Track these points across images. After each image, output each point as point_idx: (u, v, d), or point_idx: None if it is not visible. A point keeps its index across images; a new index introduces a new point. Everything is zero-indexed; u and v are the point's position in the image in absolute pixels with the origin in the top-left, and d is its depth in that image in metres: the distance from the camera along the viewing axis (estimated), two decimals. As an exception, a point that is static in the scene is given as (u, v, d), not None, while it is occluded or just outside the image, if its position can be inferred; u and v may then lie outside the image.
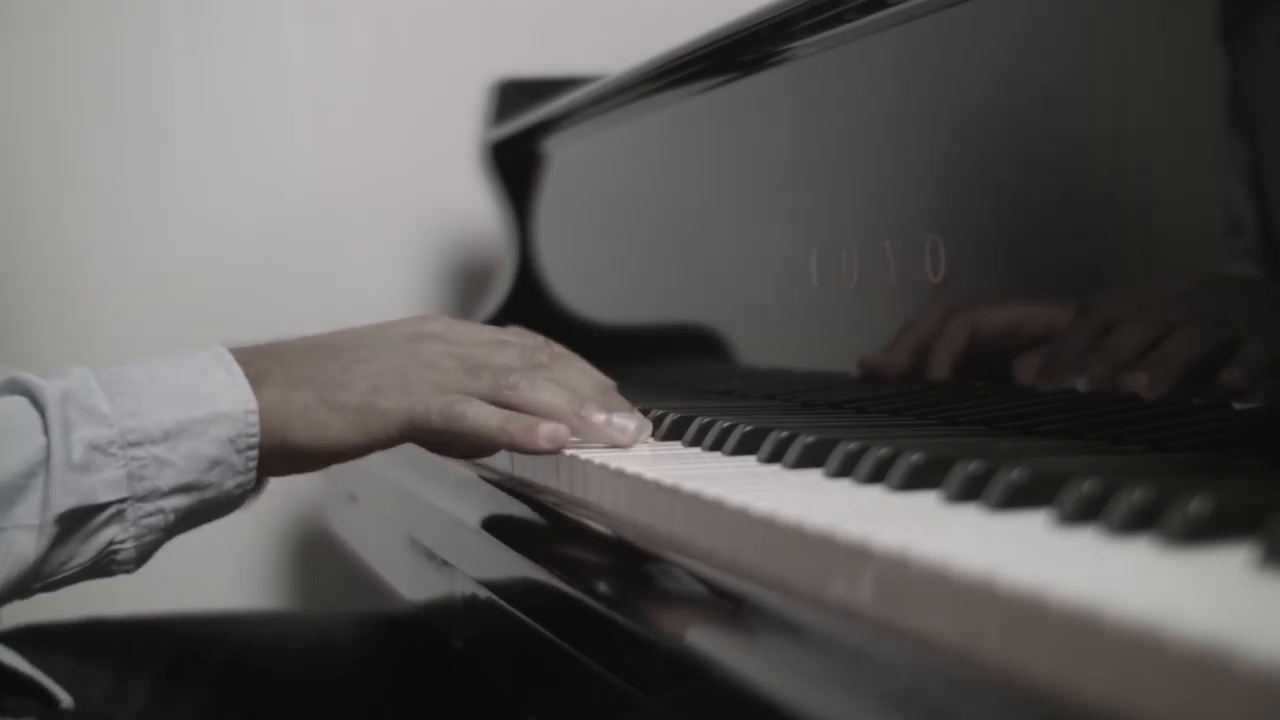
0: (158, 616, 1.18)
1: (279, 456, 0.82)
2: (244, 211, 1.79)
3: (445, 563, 0.96)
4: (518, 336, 0.87)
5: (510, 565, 0.80)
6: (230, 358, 0.82)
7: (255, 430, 0.80)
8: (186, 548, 1.73)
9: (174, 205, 1.77)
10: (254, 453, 0.80)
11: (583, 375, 0.86)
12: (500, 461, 0.96)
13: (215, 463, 0.79)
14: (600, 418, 0.83)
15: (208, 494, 0.80)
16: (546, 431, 0.81)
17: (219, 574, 1.75)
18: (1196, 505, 0.46)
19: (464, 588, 0.91)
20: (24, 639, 0.98)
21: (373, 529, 1.25)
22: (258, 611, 1.61)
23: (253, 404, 0.80)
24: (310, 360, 0.83)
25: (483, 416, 0.81)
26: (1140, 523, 0.48)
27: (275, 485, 1.54)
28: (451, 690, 1.14)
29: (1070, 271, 0.79)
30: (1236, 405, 0.66)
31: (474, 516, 0.91)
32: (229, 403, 0.80)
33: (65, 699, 0.99)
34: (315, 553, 1.77)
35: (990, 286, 0.85)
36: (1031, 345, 0.80)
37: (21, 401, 0.78)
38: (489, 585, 0.85)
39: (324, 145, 1.81)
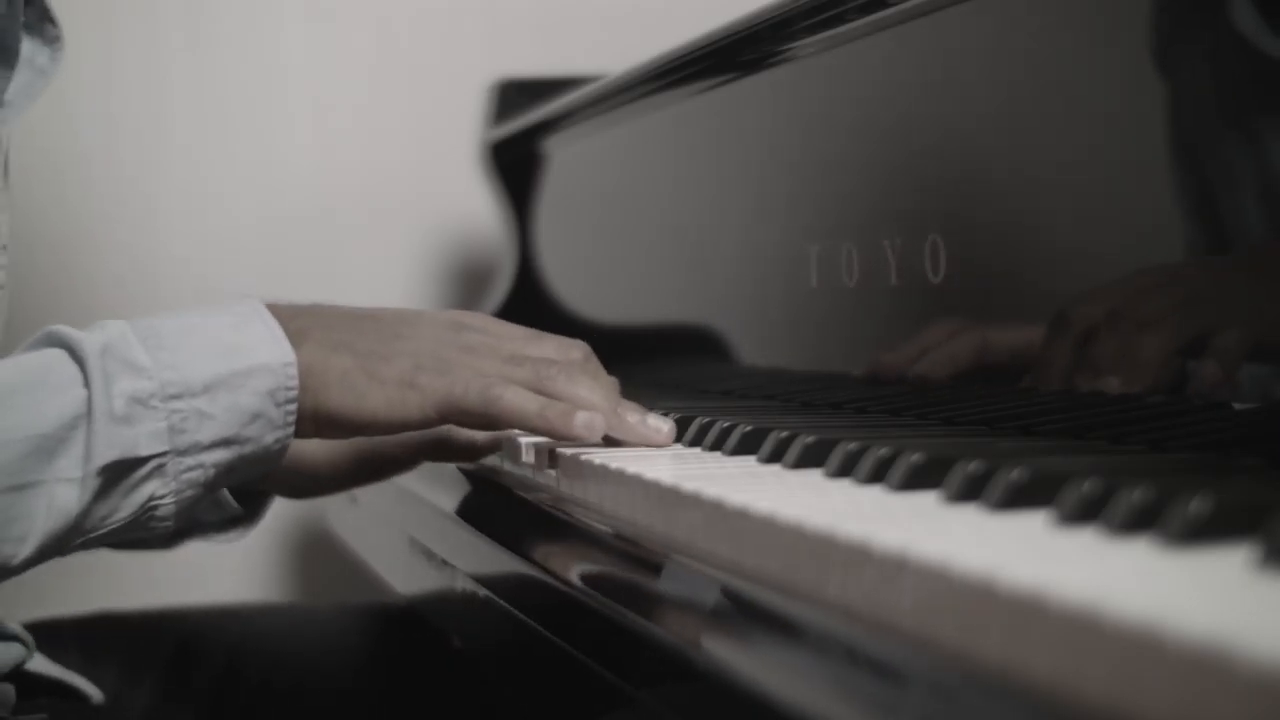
0: (163, 610, 1.18)
1: (312, 418, 0.81)
2: (244, 211, 1.79)
3: (444, 562, 0.96)
4: (555, 337, 0.87)
5: (509, 565, 0.80)
6: (267, 312, 0.81)
7: (294, 384, 0.79)
8: (191, 545, 1.73)
9: (174, 205, 1.77)
10: (293, 406, 0.79)
11: (612, 384, 0.86)
12: (500, 462, 0.96)
13: (255, 416, 0.78)
14: (635, 417, 0.83)
15: (247, 449, 0.78)
16: (583, 419, 0.81)
17: (222, 573, 1.75)
18: (1196, 505, 0.46)
19: (463, 586, 0.91)
20: (32, 634, 0.99)
21: (373, 529, 1.25)
22: (261, 604, 1.61)
23: (291, 356, 0.79)
24: (352, 327, 0.82)
25: (521, 399, 0.81)
26: (1140, 523, 0.48)
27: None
28: (450, 688, 1.14)
29: (1070, 272, 0.79)
30: (1236, 405, 0.66)
31: (472, 515, 0.91)
32: (268, 355, 0.79)
33: (96, 694, 1.00)
34: (316, 552, 1.77)
35: (990, 286, 0.85)
36: (1035, 356, 0.80)
37: (60, 354, 0.77)
38: (488, 584, 0.85)
39: (324, 145, 1.81)
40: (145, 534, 0.79)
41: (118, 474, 0.76)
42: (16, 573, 0.77)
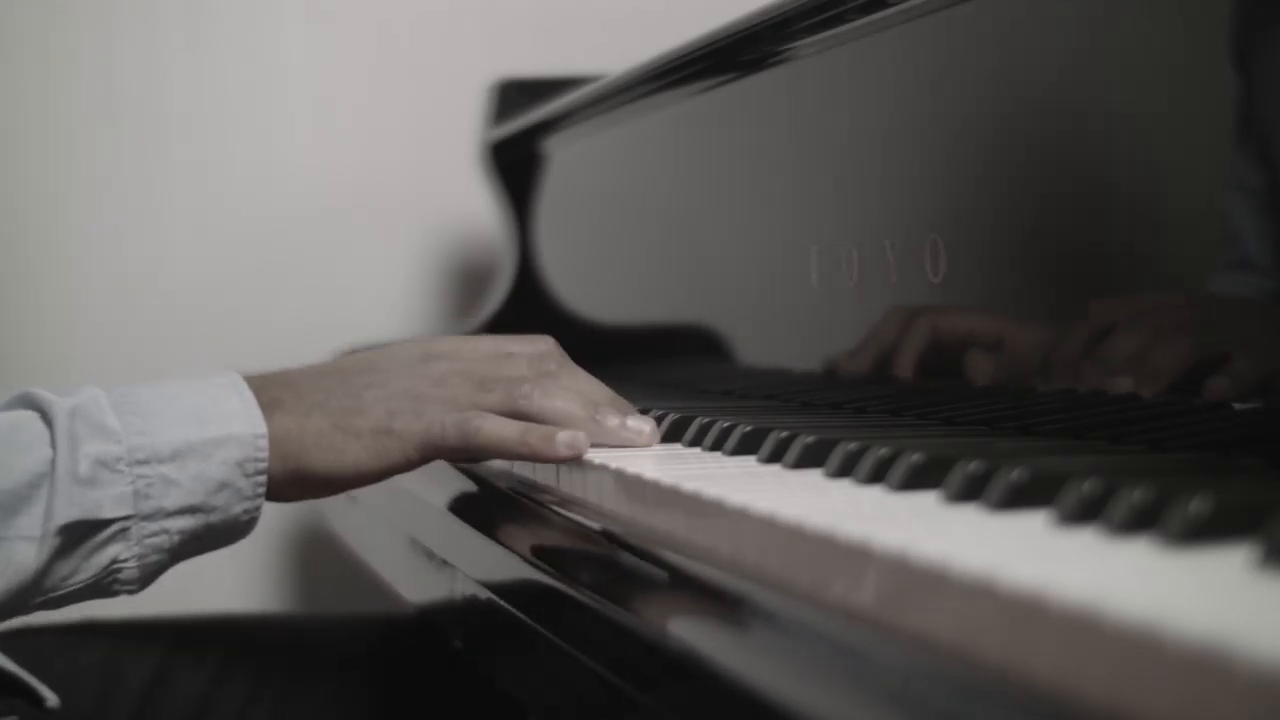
0: (151, 619, 1.18)
1: (294, 484, 0.81)
2: (244, 211, 1.79)
3: (445, 563, 0.96)
4: (527, 344, 0.87)
5: (510, 565, 0.80)
6: (243, 383, 0.81)
7: (264, 455, 0.80)
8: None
9: (174, 205, 1.77)
10: (262, 478, 0.80)
11: (590, 382, 0.86)
12: (500, 462, 0.96)
13: (222, 485, 0.79)
14: (615, 421, 0.83)
15: (213, 517, 0.79)
16: (565, 439, 0.81)
17: (219, 574, 1.75)
18: (1196, 505, 0.46)
19: (464, 588, 0.91)
20: (15, 639, 0.98)
21: (372, 529, 1.25)
22: (253, 614, 1.61)
23: (262, 428, 0.79)
24: (321, 386, 0.83)
25: (499, 429, 0.81)
26: (1140, 523, 0.48)
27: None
28: (451, 690, 1.14)
29: (1070, 271, 0.79)
30: (1236, 405, 0.66)
31: (474, 517, 0.91)
32: (239, 426, 0.79)
33: (52, 698, 0.99)
34: (316, 553, 1.77)
35: (990, 286, 0.85)
36: (1025, 351, 0.80)
37: (30, 415, 0.78)
38: (489, 585, 0.85)
39: (324, 145, 1.81)
40: (109, 595, 0.80)
41: (79, 535, 0.76)
42: None
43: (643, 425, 0.84)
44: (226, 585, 1.76)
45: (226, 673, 1.12)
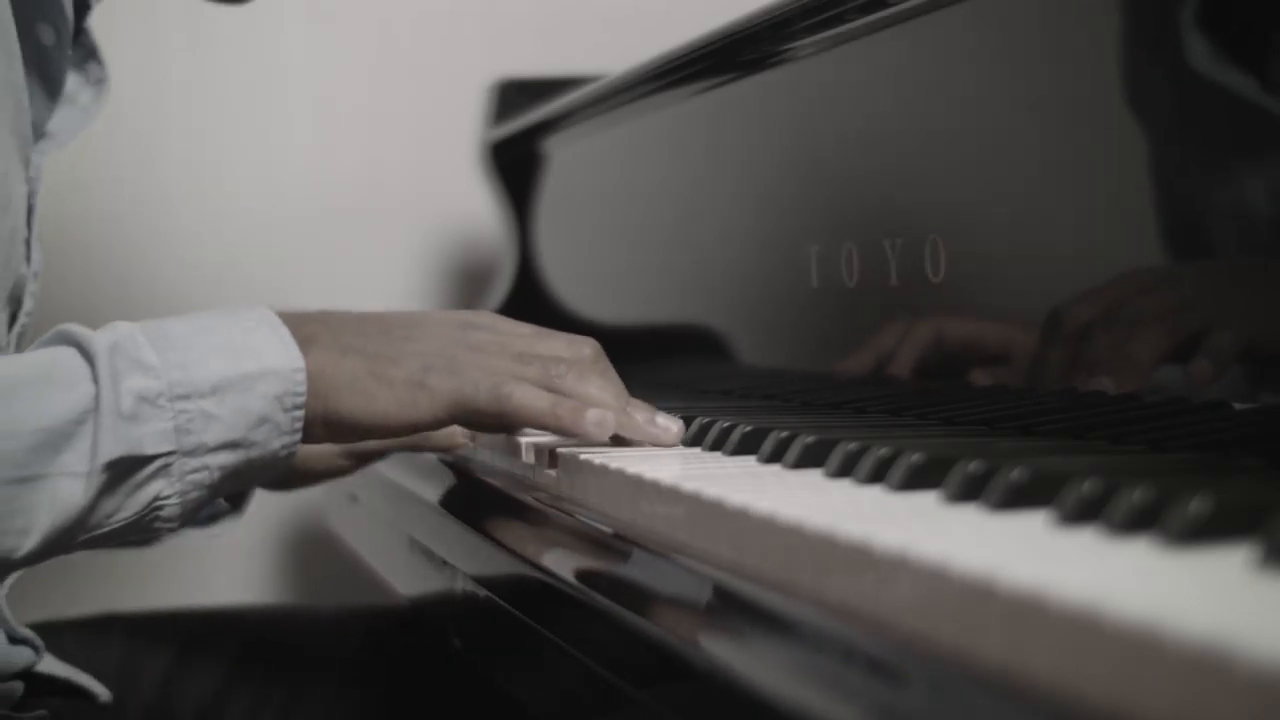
0: (166, 612, 1.18)
1: (321, 423, 0.80)
2: (244, 211, 1.79)
3: (444, 562, 0.96)
4: (564, 335, 0.87)
5: (509, 565, 0.80)
6: (274, 317, 0.81)
7: (302, 389, 0.79)
8: (192, 546, 1.73)
9: (174, 205, 1.77)
10: (300, 413, 0.79)
11: (619, 381, 0.86)
12: (500, 462, 0.96)
13: (262, 420, 0.78)
14: (644, 415, 0.83)
15: (253, 453, 0.78)
16: (594, 416, 0.81)
17: (224, 574, 1.75)
18: (1196, 505, 0.46)
19: (463, 587, 0.91)
20: (36, 634, 0.99)
21: (373, 529, 1.25)
22: (264, 606, 1.61)
23: (300, 362, 0.79)
24: (359, 331, 0.82)
25: (531, 397, 0.81)
26: (1140, 523, 0.48)
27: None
28: (450, 688, 1.14)
29: (1071, 271, 0.79)
30: (1236, 405, 0.66)
31: (473, 517, 0.91)
32: (276, 360, 0.79)
33: (103, 693, 1.00)
34: (317, 552, 1.77)
35: (990, 286, 0.85)
36: (1028, 353, 0.80)
37: (69, 351, 0.77)
38: (488, 584, 0.85)
39: (324, 145, 1.81)
40: (149, 534, 0.79)
41: (123, 471, 0.75)
42: (20, 566, 0.77)
43: (670, 424, 0.84)
44: (230, 585, 1.76)
45: (241, 665, 1.12)
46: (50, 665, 0.98)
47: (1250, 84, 0.67)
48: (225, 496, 1.03)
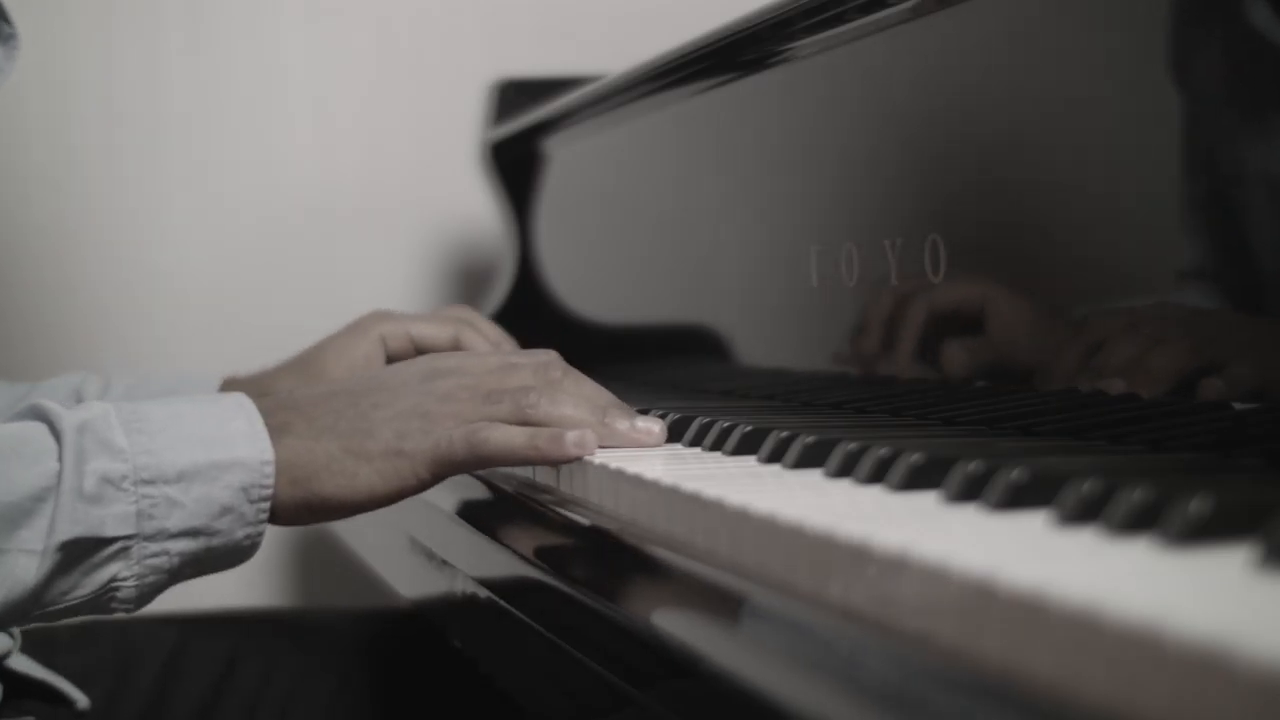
0: (158, 615, 1.18)
1: (305, 508, 0.81)
2: (244, 211, 1.79)
3: (445, 563, 0.96)
4: (530, 356, 0.87)
5: (510, 565, 0.80)
6: (252, 406, 0.81)
7: (270, 482, 0.79)
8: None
9: (174, 205, 1.77)
10: (266, 504, 0.80)
11: (595, 388, 0.86)
12: (500, 461, 0.96)
13: (226, 510, 0.79)
14: (624, 423, 0.83)
15: (215, 541, 0.79)
16: (573, 438, 0.80)
17: (223, 574, 1.75)
18: (1196, 505, 0.46)
19: (463, 587, 0.91)
20: (26, 639, 0.99)
21: (373, 529, 1.25)
22: (263, 606, 1.61)
23: (269, 455, 0.79)
24: (330, 409, 0.82)
25: (507, 437, 0.81)
26: (1140, 523, 0.48)
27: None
28: (450, 688, 1.14)
29: (1071, 272, 0.79)
30: (1236, 405, 0.66)
31: (473, 517, 0.91)
32: (246, 451, 0.79)
33: (81, 700, 1.00)
34: (317, 552, 1.77)
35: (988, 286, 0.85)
36: (1029, 344, 0.80)
37: (39, 427, 0.77)
38: (488, 585, 0.85)
39: (324, 145, 1.81)
40: (106, 613, 0.80)
41: (80, 551, 0.76)
42: None
43: (651, 425, 0.83)
44: (227, 583, 1.75)
45: (237, 664, 1.12)
46: (27, 666, 0.98)
47: (1249, 96, 0.67)
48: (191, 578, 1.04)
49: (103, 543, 0.76)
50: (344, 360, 1.10)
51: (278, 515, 0.81)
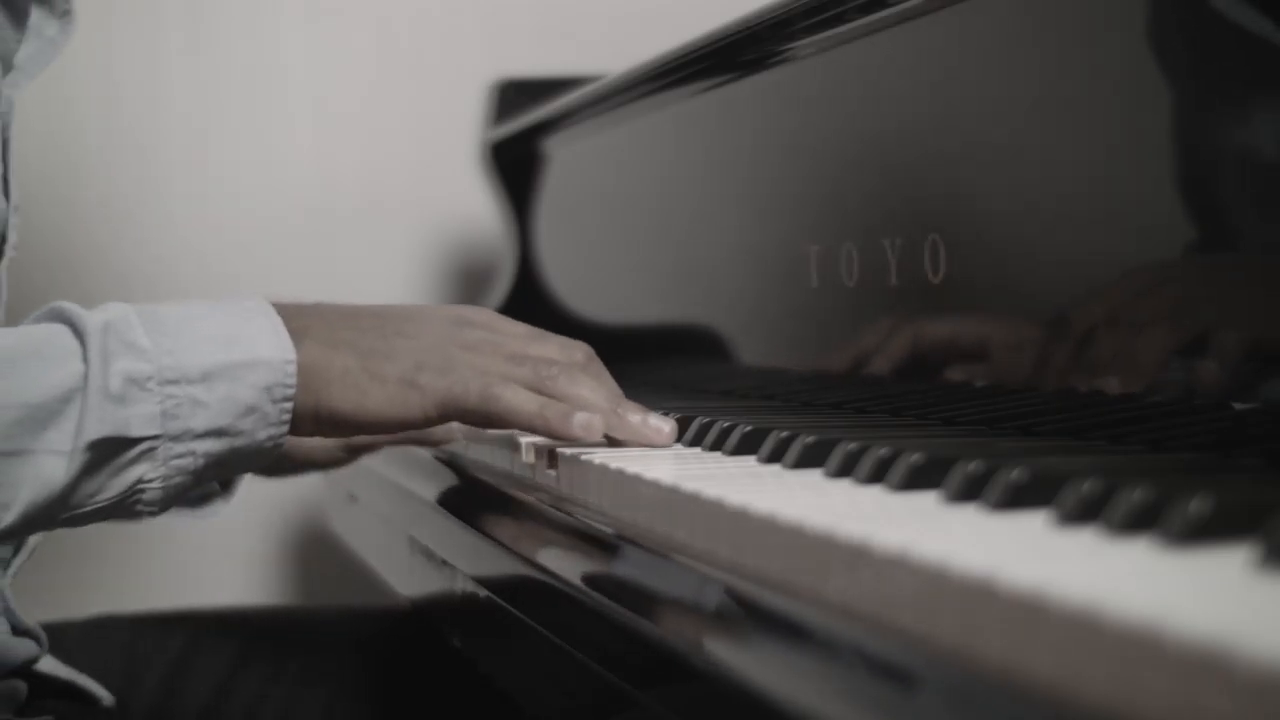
0: (167, 612, 1.19)
1: (312, 417, 0.80)
2: (244, 211, 1.79)
3: (444, 562, 0.96)
4: (557, 337, 0.87)
5: (509, 565, 0.80)
6: (271, 309, 0.80)
7: (292, 382, 0.78)
8: (191, 546, 1.73)
9: (174, 205, 1.77)
10: (289, 404, 0.79)
11: (613, 383, 0.86)
12: (500, 462, 0.96)
13: (250, 409, 0.78)
14: (636, 417, 0.83)
15: (239, 441, 0.78)
16: (581, 419, 0.81)
17: (224, 574, 1.75)
18: (1196, 505, 0.46)
19: (463, 587, 0.91)
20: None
21: (372, 529, 1.25)
22: (264, 606, 1.61)
23: (292, 354, 0.79)
24: (353, 325, 0.82)
25: (520, 400, 0.81)
26: (1140, 523, 0.48)
27: (277, 485, 1.54)
28: (450, 687, 1.14)
29: (1071, 272, 0.79)
30: (1236, 405, 0.66)
31: (473, 517, 0.91)
32: (268, 350, 0.78)
33: (106, 697, 1.00)
34: (317, 552, 1.77)
35: (990, 286, 0.85)
36: (1026, 348, 0.80)
37: (62, 328, 0.77)
38: (488, 584, 0.85)
39: (324, 145, 1.81)
40: (130, 516, 0.79)
41: (107, 452, 0.75)
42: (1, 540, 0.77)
43: (663, 425, 0.83)
44: (229, 586, 1.76)
45: (245, 661, 1.12)
46: (53, 667, 0.99)
47: (1255, 91, 0.67)
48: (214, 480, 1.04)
49: (129, 443, 0.75)
50: None
51: (293, 422, 0.80)
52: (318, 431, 0.82)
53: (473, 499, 0.96)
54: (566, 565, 0.74)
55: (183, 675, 1.11)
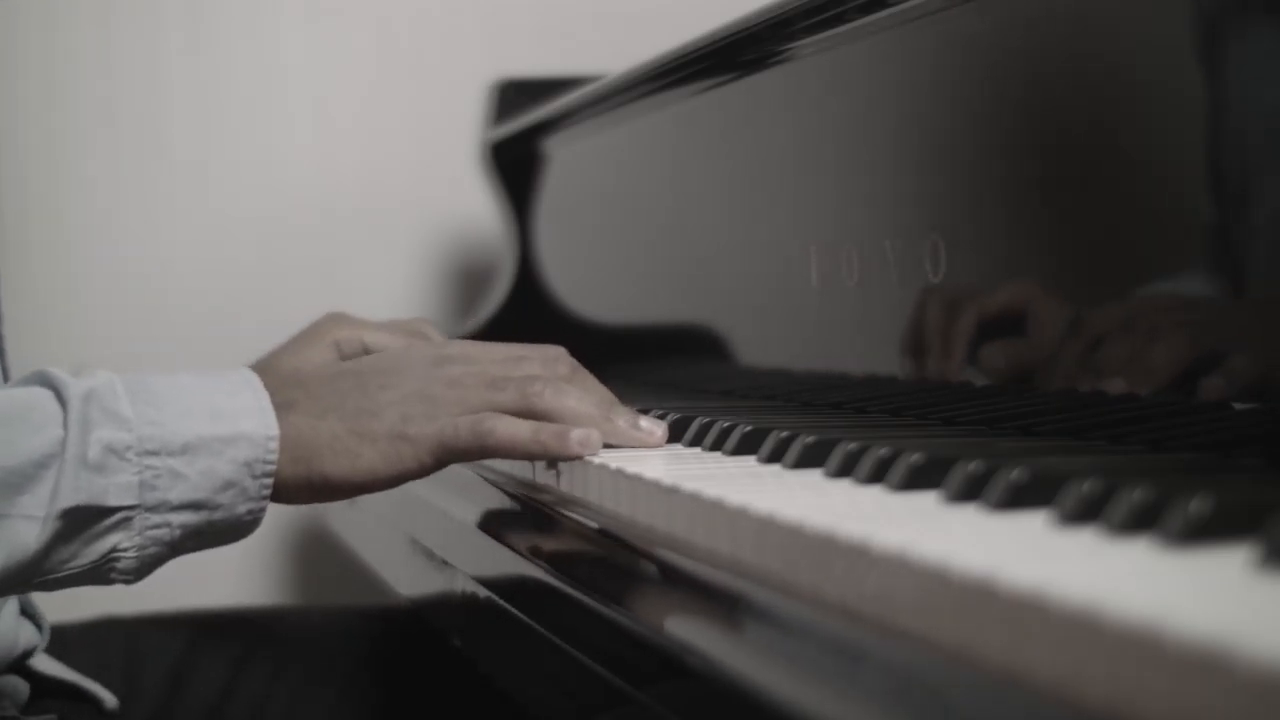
0: (169, 614, 1.18)
1: (306, 487, 0.81)
2: (244, 211, 1.79)
3: (445, 562, 0.96)
4: (539, 350, 0.87)
5: (510, 565, 0.80)
6: (258, 381, 0.81)
7: (274, 457, 0.79)
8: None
9: (174, 205, 1.77)
10: (269, 480, 0.79)
11: (601, 388, 0.86)
12: (500, 462, 0.96)
13: (229, 484, 0.78)
14: (627, 421, 0.83)
15: (216, 515, 0.79)
16: (578, 436, 0.80)
17: (224, 575, 1.75)
18: (1196, 505, 0.46)
19: (463, 587, 0.91)
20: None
21: (373, 529, 1.25)
22: (264, 606, 1.61)
23: (274, 430, 0.79)
24: (335, 389, 0.82)
25: (513, 429, 0.81)
26: (1140, 523, 0.48)
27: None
28: (450, 688, 1.14)
29: (1069, 271, 0.79)
30: (1236, 405, 0.66)
31: (473, 517, 0.91)
32: (251, 425, 0.79)
33: (110, 699, 1.00)
34: (317, 552, 1.77)
35: (990, 287, 0.85)
36: (1033, 339, 0.80)
37: (45, 393, 0.77)
38: (488, 584, 0.85)
39: (324, 145, 1.81)
40: (105, 582, 0.79)
41: (81, 520, 0.76)
42: None
43: (654, 426, 0.84)
44: (230, 585, 1.76)
45: (246, 662, 1.12)
46: (56, 669, 0.99)
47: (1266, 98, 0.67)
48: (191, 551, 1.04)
49: (105, 512, 0.76)
50: (296, 365, 1.09)
51: (279, 493, 0.81)
52: (317, 499, 0.83)
53: (473, 500, 0.96)
54: (566, 565, 0.74)
55: (184, 676, 1.11)
